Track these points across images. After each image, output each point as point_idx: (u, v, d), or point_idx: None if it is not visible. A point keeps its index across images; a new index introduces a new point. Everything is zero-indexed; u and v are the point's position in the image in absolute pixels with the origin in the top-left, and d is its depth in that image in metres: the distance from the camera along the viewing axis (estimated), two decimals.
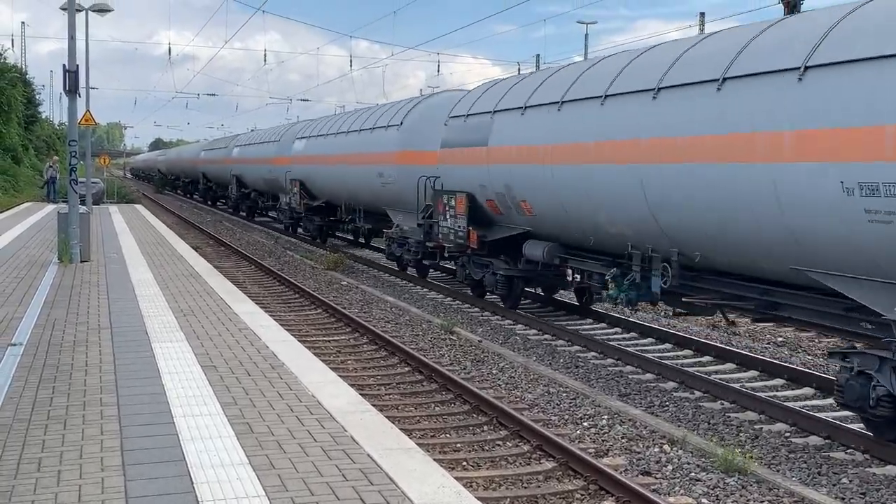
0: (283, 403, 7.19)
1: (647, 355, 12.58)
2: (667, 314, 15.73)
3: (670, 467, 7.93)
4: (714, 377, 11.37)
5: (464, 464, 7.97)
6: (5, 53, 56.34)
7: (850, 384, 8.41)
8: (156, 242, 21.58)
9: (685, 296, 11.27)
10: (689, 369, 11.77)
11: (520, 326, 15.15)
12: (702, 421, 9.70)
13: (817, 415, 9.58)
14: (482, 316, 16.21)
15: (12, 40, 73.15)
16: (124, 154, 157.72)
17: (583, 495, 7.31)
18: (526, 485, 7.54)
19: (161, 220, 32.32)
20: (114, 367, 8.28)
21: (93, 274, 15.19)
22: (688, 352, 13.10)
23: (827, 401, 10.42)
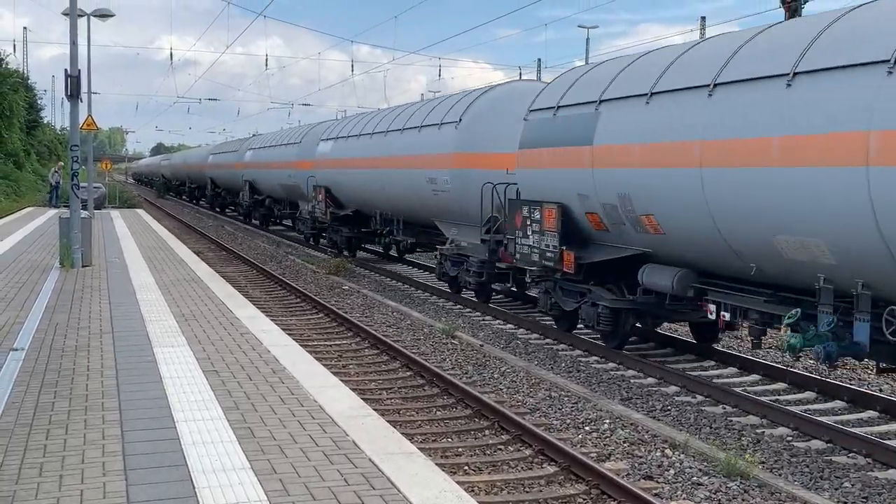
0: (284, 408, 7.18)
1: (649, 359, 12.56)
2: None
3: (672, 472, 7.92)
4: (716, 381, 11.36)
5: (465, 468, 7.96)
6: (7, 58, 56.52)
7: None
8: (157, 247, 21.60)
9: None
10: (691, 374, 11.76)
11: (521, 331, 15.14)
12: (704, 425, 9.69)
13: (819, 419, 9.57)
14: (483, 320, 16.20)
15: (14, 45, 73.59)
16: (126, 159, 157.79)
17: (585, 500, 7.30)
18: (528, 489, 7.53)
19: (163, 224, 32.33)
20: (115, 372, 8.28)
21: (94, 279, 15.20)
22: (689, 356, 13.09)
23: (829, 405, 10.42)
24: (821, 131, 8.37)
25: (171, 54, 58.08)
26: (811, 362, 12.70)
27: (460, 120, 17.69)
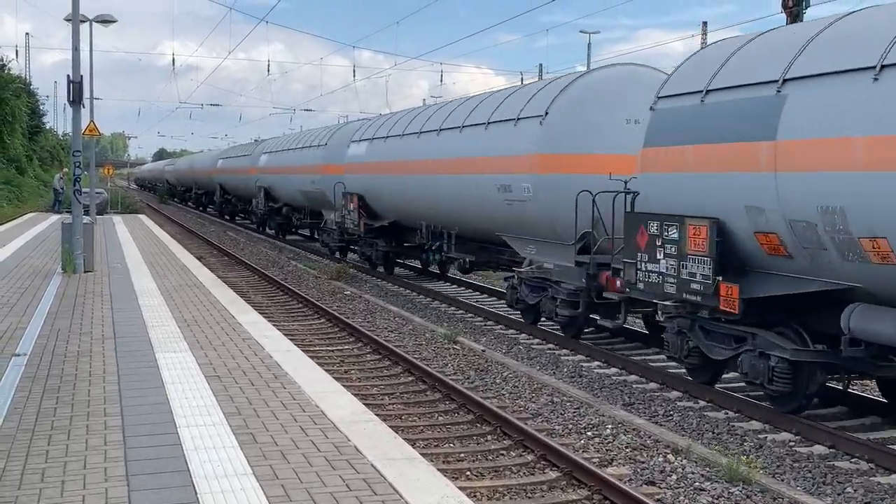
0: (286, 413, 7.18)
1: (651, 364, 12.56)
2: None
3: (675, 477, 7.91)
4: (718, 387, 11.34)
5: (467, 473, 7.96)
6: (9, 64, 56.66)
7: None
8: (159, 252, 21.61)
9: None
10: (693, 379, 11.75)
11: (523, 336, 15.14)
12: (706, 430, 9.69)
13: (821, 424, 9.56)
14: (485, 325, 16.20)
15: (16, 51, 73.46)
16: (128, 164, 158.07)
17: None
18: (530, 494, 7.53)
19: (165, 230, 32.36)
20: (117, 378, 8.28)
21: (96, 284, 15.21)
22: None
23: (831, 410, 10.41)
24: None
25: (173, 60, 58.06)
26: None
27: (546, 114, 14.25)
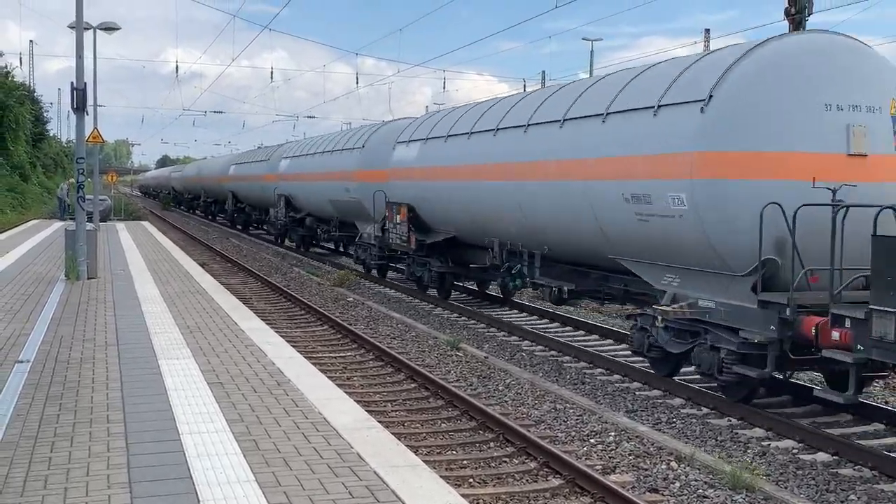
0: (289, 420, 7.18)
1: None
2: None
3: (678, 484, 7.89)
4: (721, 394, 11.32)
5: (470, 481, 7.95)
6: (13, 71, 56.86)
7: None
8: (162, 259, 21.63)
9: None
10: (696, 386, 11.73)
11: (526, 343, 15.12)
12: (709, 437, 9.67)
13: (825, 431, 9.54)
14: (488, 332, 16.19)
15: (20, 58, 73.66)
16: (131, 171, 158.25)
17: None
18: (533, 502, 7.51)
19: (168, 237, 32.39)
20: (120, 384, 8.29)
21: (100, 291, 15.23)
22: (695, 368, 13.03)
23: (835, 417, 10.38)
24: None
25: (176, 67, 58.34)
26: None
27: (710, 97, 10.30)
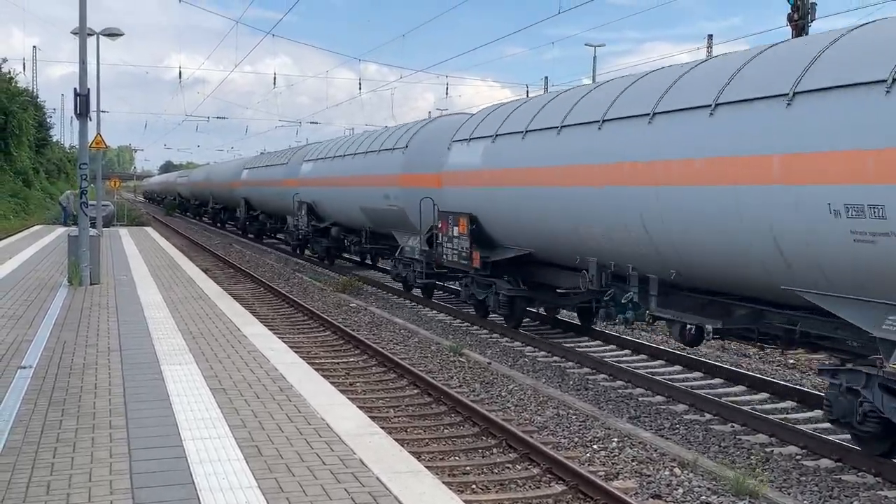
0: (291, 426, 7.17)
1: (657, 377, 12.52)
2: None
3: (681, 490, 7.88)
4: (724, 400, 11.31)
5: (473, 487, 7.94)
6: (17, 77, 56.96)
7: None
8: (165, 265, 21.64)
9: None
10: (700, 392, 11.72)
11: (529, 349, 15.11)
12: (712, 443, 9.65)
13: (829, 437, 9.52)
14: (491, 338, 16.17)
15: (24, 64, 73.91)
16: (134, 177, 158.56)
17: None
18: None
19: (171, 242, 32.41)
20: (123, 390, 8.28)
21: (102, 296, 15.23)
22: (698, 374, 13.04)
23: None
24: None
25: (179, 73, 58.39)
26: (819, 381, 12.65)
27: None
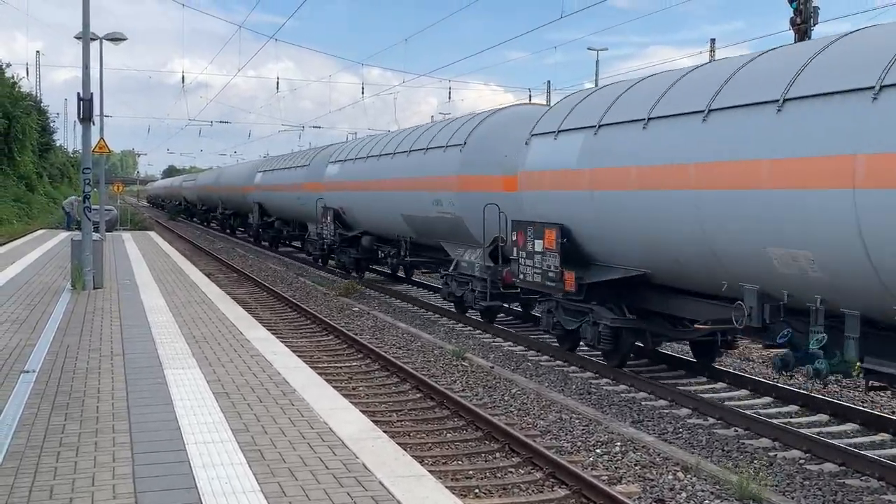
0: (294, 430, 7.17)
1: (660, 381, 12.51)
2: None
3: (684, 494, 7.87)
4: (727, 404, 11.30)
5: (476, 491, 7.93)
6: (20, 82, 57.08)
7: None
8: (168, 269, 21.65)
9: None
10: (703, 396, 11.70)
11: (532, 353, 15.10)
12: (716, 448, 9.64)
13: (832, 441, 9.50)
14: (494, 342, 16.17)
15: (27, 69, 74.11)
16: (137, 181, 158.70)
17: None
18: None
19: (174, 247, 32.43)
20: (126, 394, 8.29)
21: (105, 301, 15.25)
22: (701, 378, 13.02)
23: (842, 427, 10.35)
24: None
25: (182, 77, 58.32)
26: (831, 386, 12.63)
27: None
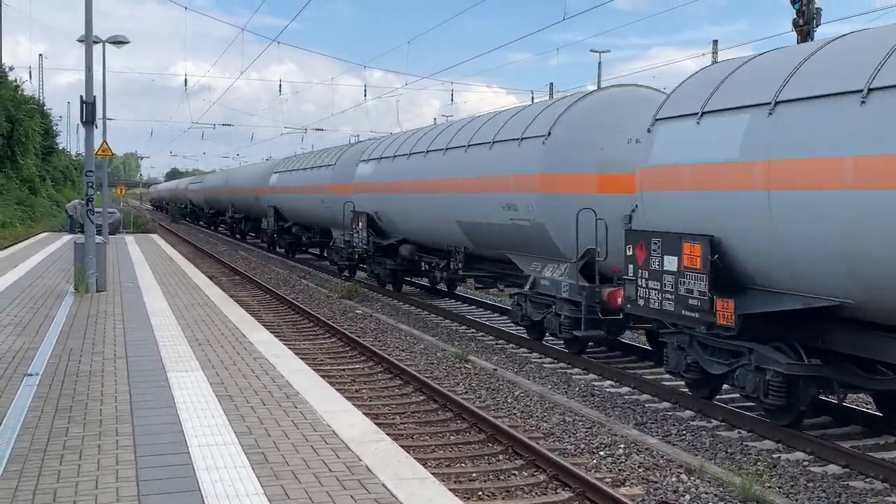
0: (297, 433, 7.17)
1: (664, 384, 12.49)
2: None
3: (688, 497, 7.85)
4: (731, 406, 11.28)
5: (479, 493, 7.92)
6: (23, 85, 57.17)
7: None
8: (171, 272, 21.66)
9: None
10: (706, 398, 11.67)
11: (535, 355, 15.09)
12: (719, 450, 9.62)
13: (836, 444, 9.49)
14: (497, 344, 16.16)
15: (30, 72, 74.26)
16: (140, 184, 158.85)
17: None
18: None
19: (177, 250, 32.45)
20: (129, 397, 8.29)
21: (109, 304, 15.25)
22: None
23: (846, 429, 10.33)
24: None
25: (185, 80, 58.45)
26: None
27: None
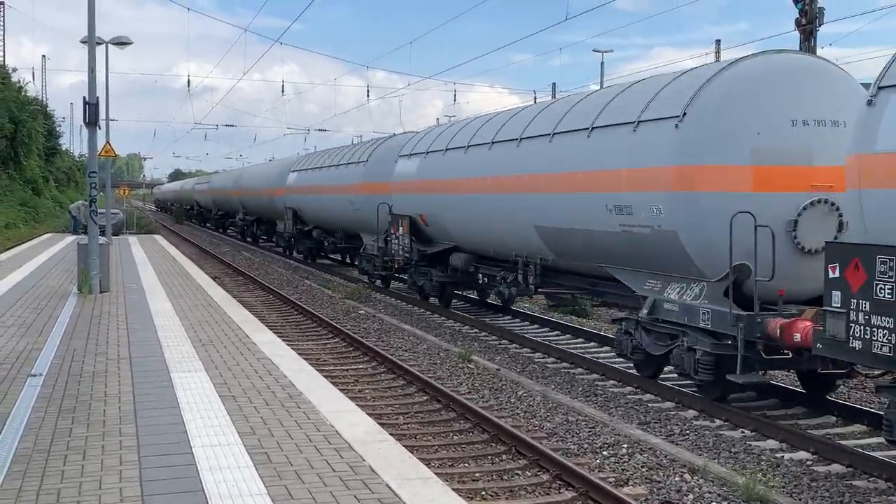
0: (301, 433, 7.18)
1: (667, 383, 12.49)
2: None
3: (691, 496, 7.85)
4: (734, 405, 11.27)
5: (482, 493, 7.92)
6: (26, 86, 57.24)
7: None
8: (174, 273, 21.68)
9: None
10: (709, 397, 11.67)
11: (538, 354, 15.09)
12: (722, 449, 9.61)
13: (839, 443, 9.48)
14: (500, 344, 16.16)
15: (33, 73, 74.30)
16: (143, 185, 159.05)
17: None
18: None
19: (180, 250, 32.47)
20: (133, 398, 8.30)
21: (112, 304, 15.27)
22: None
23: (849, 428, 10.32)
24: None
25: (188, 81, 58.57)
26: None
27: None
